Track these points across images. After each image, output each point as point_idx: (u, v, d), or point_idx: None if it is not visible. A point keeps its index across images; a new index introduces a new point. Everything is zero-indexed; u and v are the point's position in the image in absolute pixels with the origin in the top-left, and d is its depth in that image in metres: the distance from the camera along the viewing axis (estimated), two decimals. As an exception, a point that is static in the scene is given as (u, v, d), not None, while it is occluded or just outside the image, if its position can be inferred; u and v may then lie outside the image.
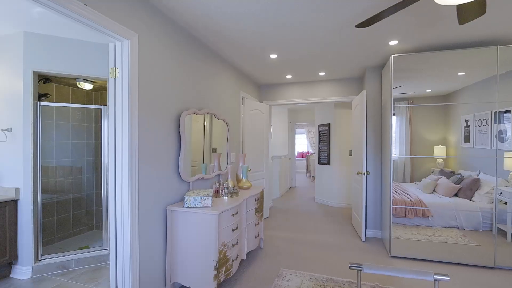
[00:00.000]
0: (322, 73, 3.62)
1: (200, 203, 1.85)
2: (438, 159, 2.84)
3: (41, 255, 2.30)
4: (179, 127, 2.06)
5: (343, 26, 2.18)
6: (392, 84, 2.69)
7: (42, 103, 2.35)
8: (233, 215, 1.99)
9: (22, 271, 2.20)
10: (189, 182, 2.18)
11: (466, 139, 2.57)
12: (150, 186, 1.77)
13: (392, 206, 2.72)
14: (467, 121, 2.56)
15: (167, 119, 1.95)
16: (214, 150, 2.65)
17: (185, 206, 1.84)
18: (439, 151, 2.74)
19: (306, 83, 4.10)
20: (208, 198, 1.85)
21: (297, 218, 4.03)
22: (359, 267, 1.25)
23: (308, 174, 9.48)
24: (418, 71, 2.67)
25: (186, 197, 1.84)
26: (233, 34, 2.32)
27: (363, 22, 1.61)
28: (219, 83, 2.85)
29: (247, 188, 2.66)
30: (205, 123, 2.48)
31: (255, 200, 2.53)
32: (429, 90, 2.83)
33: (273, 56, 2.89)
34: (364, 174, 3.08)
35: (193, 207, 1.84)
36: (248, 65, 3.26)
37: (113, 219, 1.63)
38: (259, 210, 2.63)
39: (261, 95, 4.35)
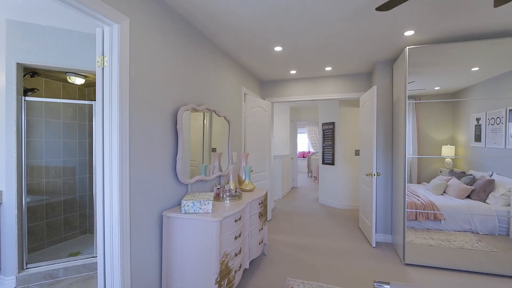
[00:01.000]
0: (328, 68, 3.43)
1: (200, 208, 1.66)
2: (446, 159, 2.70)
3: (26, 264, 2.11)
4: (176, 124, 1.87)
5: (354, 14, 1.99)
6: (407, 78, 2.50)
7: (27, 98, 2.16)
8: (235, 221, 1.80)
9: (5, 281, 2.01)
10: (187, 185, 1.99)
11: (477, 138, 2.44)
12: (143, 190, 1.59)
13: (406, 210, 2.54)
14: (478, 119, 2.43)
15: (163, 114, 1.77)
16: (214, 150, 2.47)
17: (183, 211, 1.65)
18: (448, 151, 2.61)
19: (311, 79, 3.91)
20: (208, 203, 1.67)
21: (301, 221, 3.85)
22: (386, 286, 1.06)
23: (309, 174, 9.29)
24: (432, 65, 2.49)
25: (184, 202, 1.65)
26: (235, 22, 2.13)
27: (384, 5, 1.43)
28: (219, 78, 2.66)
29: (250, 191, 2.47)
30: (205, 121, 2.31)
31: (259, 204, 2.34)
32: (438, 88, 2.70)
33: (278, 48, 2.70)
34: (374, 175, 2.90)
35: (192, 213, 1.65)
36: (250, 59, 3.07)
37: (101, 227, 1.44)
38: (263, 214, 2.44)
39: (263, 92, 4.16)
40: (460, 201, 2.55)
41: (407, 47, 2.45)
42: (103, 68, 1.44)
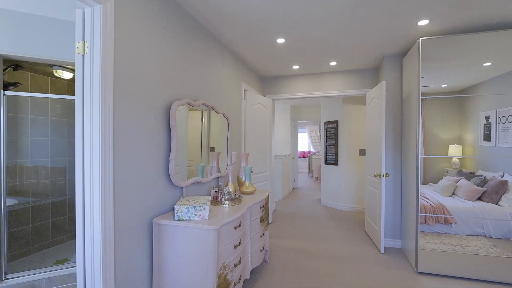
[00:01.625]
0: (333, 63, 3.25)
1: (195, 214, 1.48)
2: (453, 159, 2.58)
3: (6, 274, 1.93)
4: (169, 121, 1.69)
5: (364, 1, 1.81)
6: (420, 72, 2.32)
7: (7, 93, 1.98)
8: (235, 228, 1.62)
9: (-19, 293, 1.83)
10: (182, 187, 1.81)
11: (487, 137, 2.33)
12: (131, 194, 1.40)
13: (420, 214, 2.37)
14: (487, 118, 2.32)
15: (154, 110, 1.58)
16: (212, 149, 2.30)
17: (176, 218, 1.47)
18: (455, 151, 2.51)
19: (315, 75, 3.73)
20: (204, 208, 1.49)
21: (304, 223, 3.68)
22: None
23: (310, 174, 9.13)
24: (442, 60, 2.34)
25: (177, 207, 1.47)
26: (234, 9, 1.95)
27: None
28: (218, 72, 2.48)
29: (251, 193, 2.29)
30: (203, 120, 2.16)
31: (260, 208, 2.16)
32: (445, 85, 2.57)
33: (281, 40, 2.52)
34: (382, 176, 2.72)
35: (186, 220, 1.47)
36: (251, 53, 2.89)
37: (81, 236, 1.26)
38: (264, 219, 2.26)
39: (264, 89, 3.98)
40: (471, 203, 2.43)
41: (420, 38, 2.28)
42: (83, 55, 1.26)
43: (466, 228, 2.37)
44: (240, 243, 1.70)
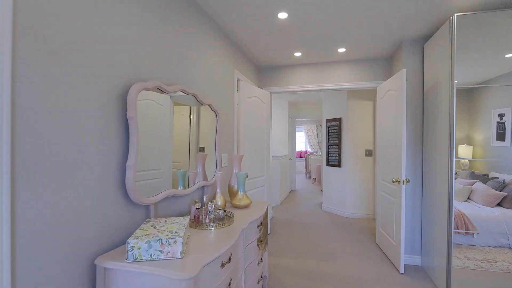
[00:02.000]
0: (341, 50, 2.79)
1: (161, 251, 0.98)
2: (462, 160, 2.35)
3: None
4: (126, 111, 1.17)
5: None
6: (455, 56, 1.88)
7: None
8: (223, 265, 1.13)
9: None
10: (148, 205, 1.30)
11: (500, 136, 2.11)
12: (53, 220, 0.89)
13: (453, 230, 1.94)
14: (501, 115, 2.11)
15: (101, 93, 1.06)
16: (202, 150, 1.84)
17: (130, 258, 0.96)
18: (465, 151, 2.29)
19: (319, 64, 3.26)
20: (175, 242, 0.98)
21: (306, 235, 3.21)
22: None
23: (307, 175, 8.70)
24: (462, 49, 1.99)
25: (132, 241, 0.96)
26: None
27: None
28: (204, 53, 1.96)
29: (245, 207, 1.80)
30: (191, 116, 1.70)
31: (257, 226, 1.67)
32: (456, 81, 2.26)
33: (283, 15, 2.03)
34: (403, 182, 2.28)
35: (147, 261, 0.96)
36: (247, 32, 2.38)
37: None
38: (262, 240, 1.77)
39: (261, 80, 3.49)
40: (491, 209, 2.16)
41: (456, 14, 1.84)
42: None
43: (489, 239, 2.09)
44: (230, 283, 1.21)
